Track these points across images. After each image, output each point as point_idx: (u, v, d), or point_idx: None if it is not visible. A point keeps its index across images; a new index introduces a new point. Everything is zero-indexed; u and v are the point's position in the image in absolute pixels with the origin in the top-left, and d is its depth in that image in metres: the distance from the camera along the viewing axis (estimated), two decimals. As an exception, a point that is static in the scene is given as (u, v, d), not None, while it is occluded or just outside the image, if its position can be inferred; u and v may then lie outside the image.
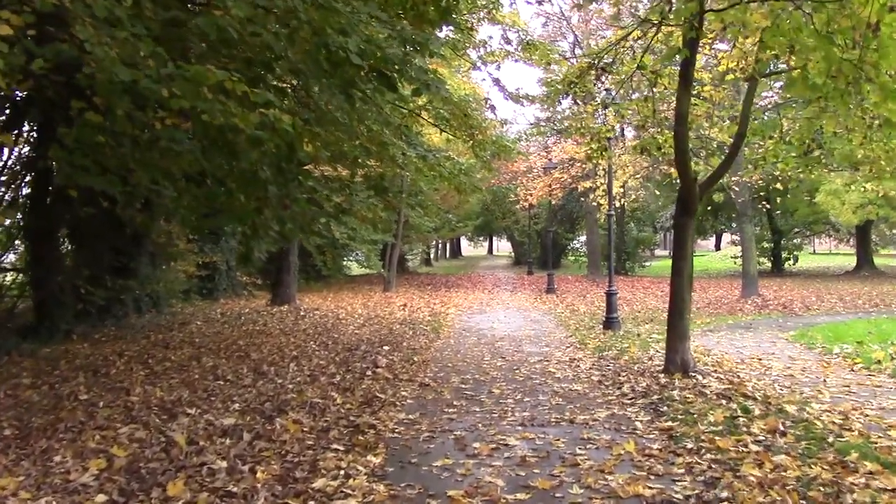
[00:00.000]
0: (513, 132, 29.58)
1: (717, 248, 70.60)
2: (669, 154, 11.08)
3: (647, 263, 42.68)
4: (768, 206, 25.42)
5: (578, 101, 10.99)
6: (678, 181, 9.73)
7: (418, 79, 6.98)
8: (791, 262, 40.27)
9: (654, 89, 10.76)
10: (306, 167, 8.09)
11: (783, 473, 5.38)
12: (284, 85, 9.06)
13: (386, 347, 12.28)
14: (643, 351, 11.72)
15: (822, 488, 5.10)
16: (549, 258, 28.70)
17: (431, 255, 60.32)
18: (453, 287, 30.11)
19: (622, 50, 10.73)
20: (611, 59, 10.50)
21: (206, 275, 20.80)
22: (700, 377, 9.17)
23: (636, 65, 10.50)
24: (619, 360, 10.87)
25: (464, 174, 13.67)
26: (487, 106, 12.76)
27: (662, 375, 9.42)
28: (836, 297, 22.54)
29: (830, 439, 6.32)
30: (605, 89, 12.81)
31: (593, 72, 10.66)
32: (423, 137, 18.02)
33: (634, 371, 9.92)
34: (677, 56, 8.81)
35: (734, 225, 54.83)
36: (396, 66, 7.27)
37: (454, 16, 10.97)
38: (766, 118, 12.25)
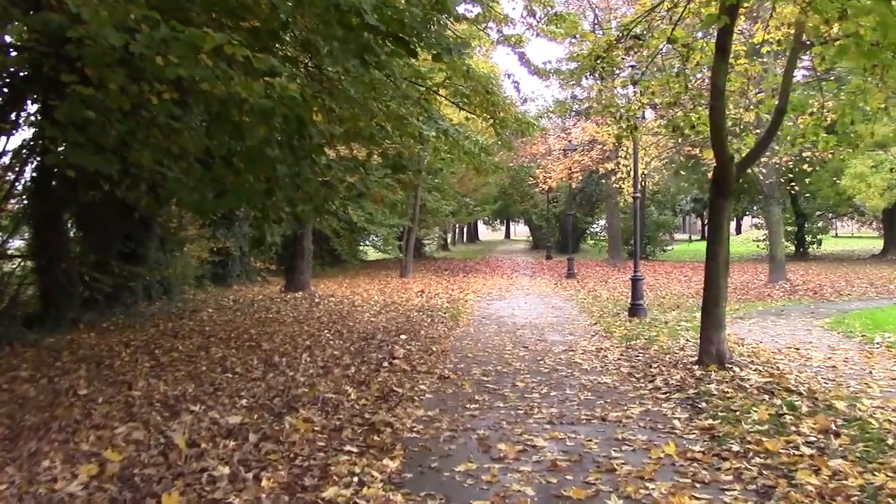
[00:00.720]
0: (532, 112, 28.58)
1: (738, 231, 69.60)
2: (703, 133, 10.49)
3: (669, 247, 41.98)
4: (796, 188, 24.56)
5: (605, 76, 10.38)
6: (708, 161, 9.14)
7: (439, 43, 6.42)
8: (815, 245, 39.36)
9: (687, 64, 10.16)
10: (320, 145, 7.55)
11: (844, 482, 4.84)
12: (296, 58, 8.51)
13: (403, 336, 11.78)
14: (673, 340, 11.16)
15: (891, 500, 4.55)
16: (570, 242, 28.06)
17: (448, 240, 59.82)
18: (471, 272, 29.59)
19: (651, 22, 10.11)
20: (640, 32, 9.88)
21: (218, 260, 20.36)
22: (737, 369, 8.60)
23: (666, 38, 9.89)
24: (649, 350, 10.31)
25: (484, 152, 13.08)
26: (512, 82, 12.06)
27: (697, 367, 8.85)
28: (867, 281, 21.83)
29: (890, 441, 5.75)
30: (630, 65, 12.22)
31: (621, 45, 10.07)
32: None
33: (666, 362, 9.36)
34: (714, 25, 8.20)
35: (755, 208, 53.93)
36: (415, 30, 6.76)
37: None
38: (798, 94, 11.51)
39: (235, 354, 9.96)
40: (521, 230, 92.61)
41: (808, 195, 36.72)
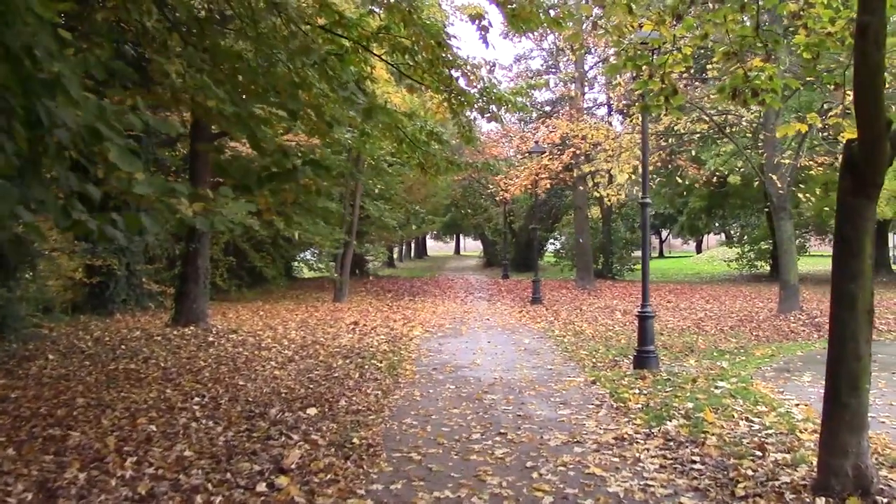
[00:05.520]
0: (504, 87, 23.63)
1: (699, 250, 66.66)
2: (772, 103, 6.66)
3: (637, 266, 38.40)
4: (811, 199, 20.70)
5: (634, 4, 6.48)
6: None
7: None
8: (791, 266, 36.06)
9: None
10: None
11: None
12: None
13: (311, 411, 7.65)
14: (728, 420, 7.22)
15: None
16: (536, 261, 24.10)
17: (395, 255, 55.57)
18: (419, 294, 25.46)
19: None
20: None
21: (97, 282, 15.93)
22: (901, 509, 4.71)
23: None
24: (705, 448, 6.31)
25: (435, 140, 9.07)
26: (477, 29, 7.96)
27: (822, 498, 4.92)
28: (886, 311, 18.30)
29: None
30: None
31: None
32: (380, 94, 13.40)
33: (751, 480, 5.40)
34: None
35: (717, 224, 50.78)
36: None
37: None
38: None
39: (5, 460, 5.75)
40: (471, 245, 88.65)
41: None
